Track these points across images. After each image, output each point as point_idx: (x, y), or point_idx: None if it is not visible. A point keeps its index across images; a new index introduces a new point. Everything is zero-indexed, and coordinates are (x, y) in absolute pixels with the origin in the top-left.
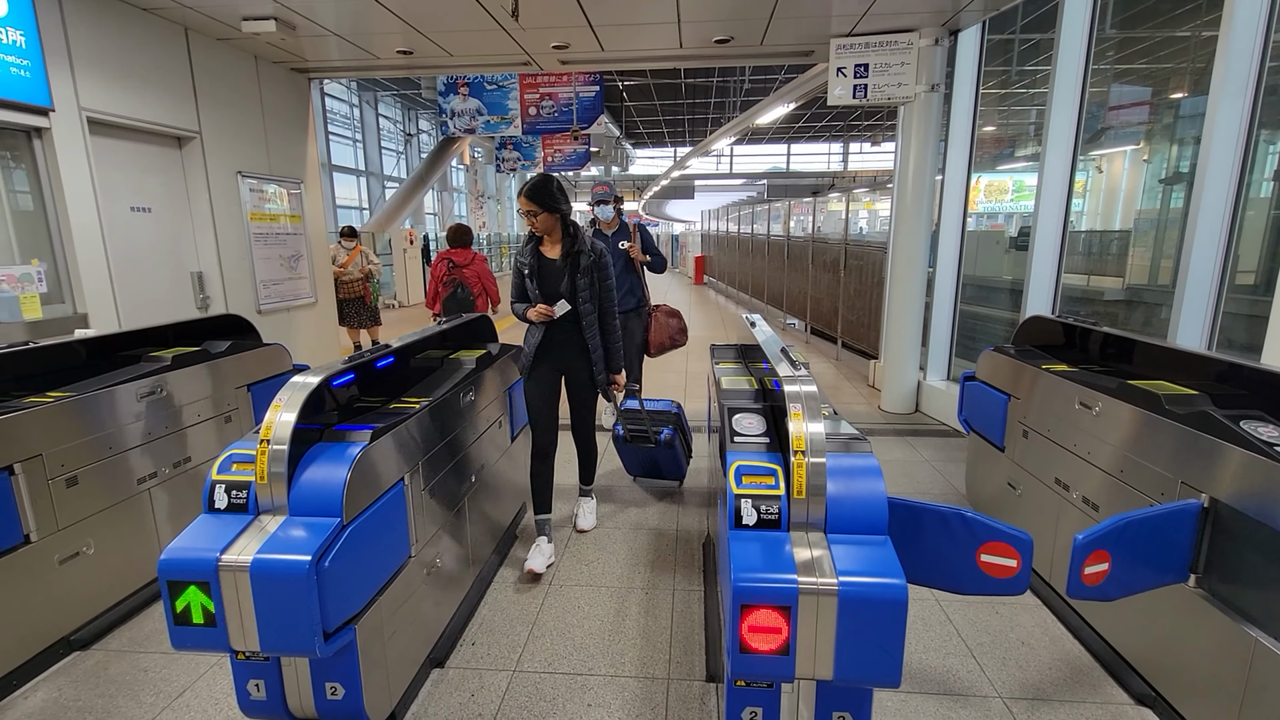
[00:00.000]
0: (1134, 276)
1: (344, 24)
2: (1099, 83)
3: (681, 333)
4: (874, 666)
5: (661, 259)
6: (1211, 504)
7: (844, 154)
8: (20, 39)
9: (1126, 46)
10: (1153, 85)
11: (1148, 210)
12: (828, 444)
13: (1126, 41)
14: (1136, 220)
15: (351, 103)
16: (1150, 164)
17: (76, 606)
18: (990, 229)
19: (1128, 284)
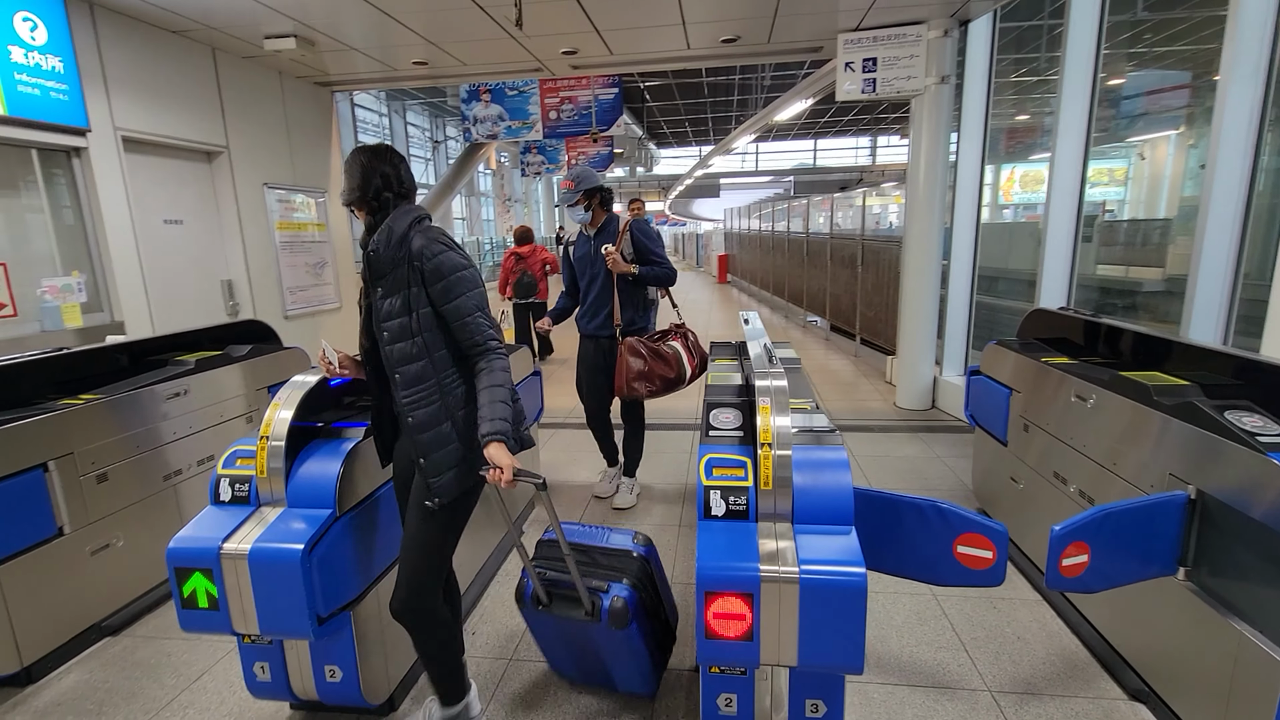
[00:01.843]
0: (1175, 267)
1: (360, 38)
2: (1138, 66)
3: (648, 379)
4: (837, 653)
5: (662, 270)
6: (1198, 495)
7: (872, 148)
8: (58, 64)
9: (1165, 28)
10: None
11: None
12: (797, 437)
13: (1165, 23)
14: (1180, 208)
15: (380, 112)
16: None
17: (107, 595)
18: (1026, 220)
19: (1168, 275)
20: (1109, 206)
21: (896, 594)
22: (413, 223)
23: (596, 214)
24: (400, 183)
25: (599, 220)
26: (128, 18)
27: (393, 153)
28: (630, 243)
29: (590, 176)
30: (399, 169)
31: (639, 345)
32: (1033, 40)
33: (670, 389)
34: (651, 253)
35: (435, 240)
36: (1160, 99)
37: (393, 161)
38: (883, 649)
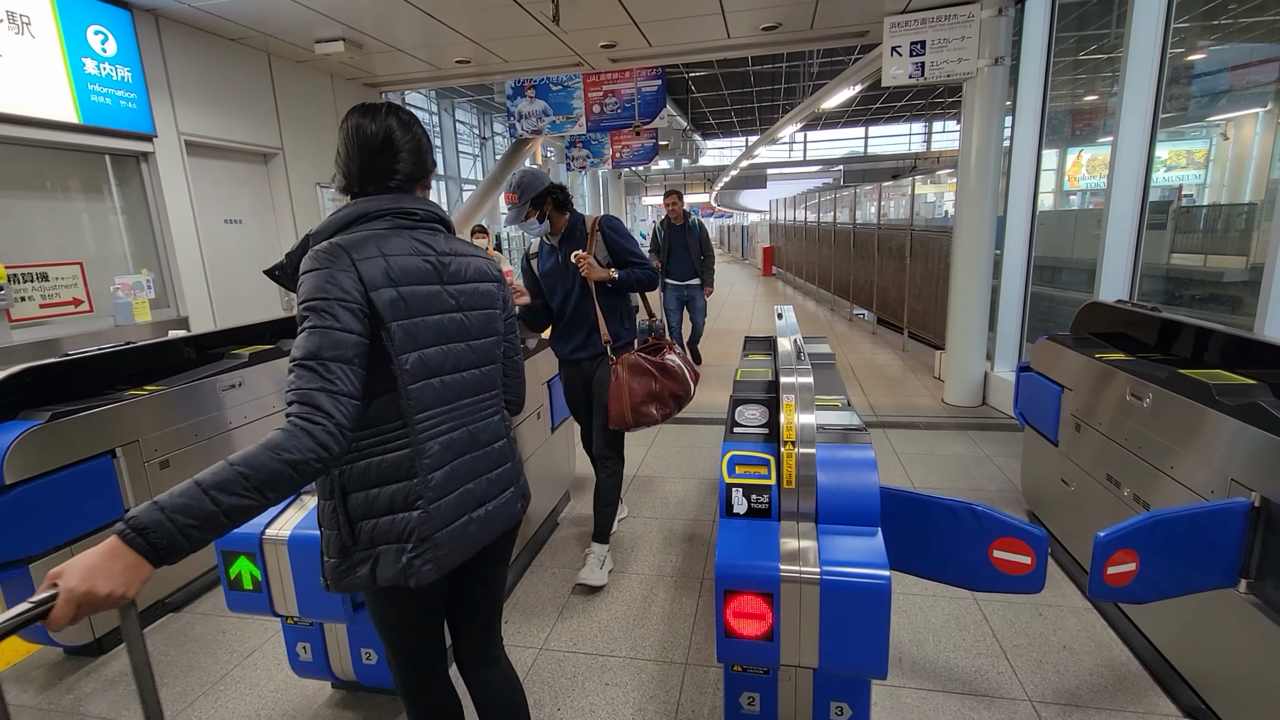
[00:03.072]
0: (1260, 255)
1: (405, 39)
2: (1220, 39)
3: (660, 400)
4: (859, 656)
5: (643, 271)
6: (1263, 503)
7: (926, 133)
8: (127, 74)
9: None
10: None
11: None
12: (822, 435)
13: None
14: (1269, 191)
15: (430, 110)
16: None
17: (171, 574)
18: (1093, 207)
19: (1252, 264)
20: (1187, 191)
21: (936, 597)
22: (306, 239)
23: (555, 219)
24: (348, 167)
25: (560, 225)
26: (189, 27)
27: (349, 117)
28: (602, 244)
29: (533, 182)
30: (349, 145)
31: (641, 361)
32: (1103, 15)
33: (680, 408)
34: (629, 253)
35: (309, 258)
36: (1246, 74)
37: (344, 133)
38: (918, 653)
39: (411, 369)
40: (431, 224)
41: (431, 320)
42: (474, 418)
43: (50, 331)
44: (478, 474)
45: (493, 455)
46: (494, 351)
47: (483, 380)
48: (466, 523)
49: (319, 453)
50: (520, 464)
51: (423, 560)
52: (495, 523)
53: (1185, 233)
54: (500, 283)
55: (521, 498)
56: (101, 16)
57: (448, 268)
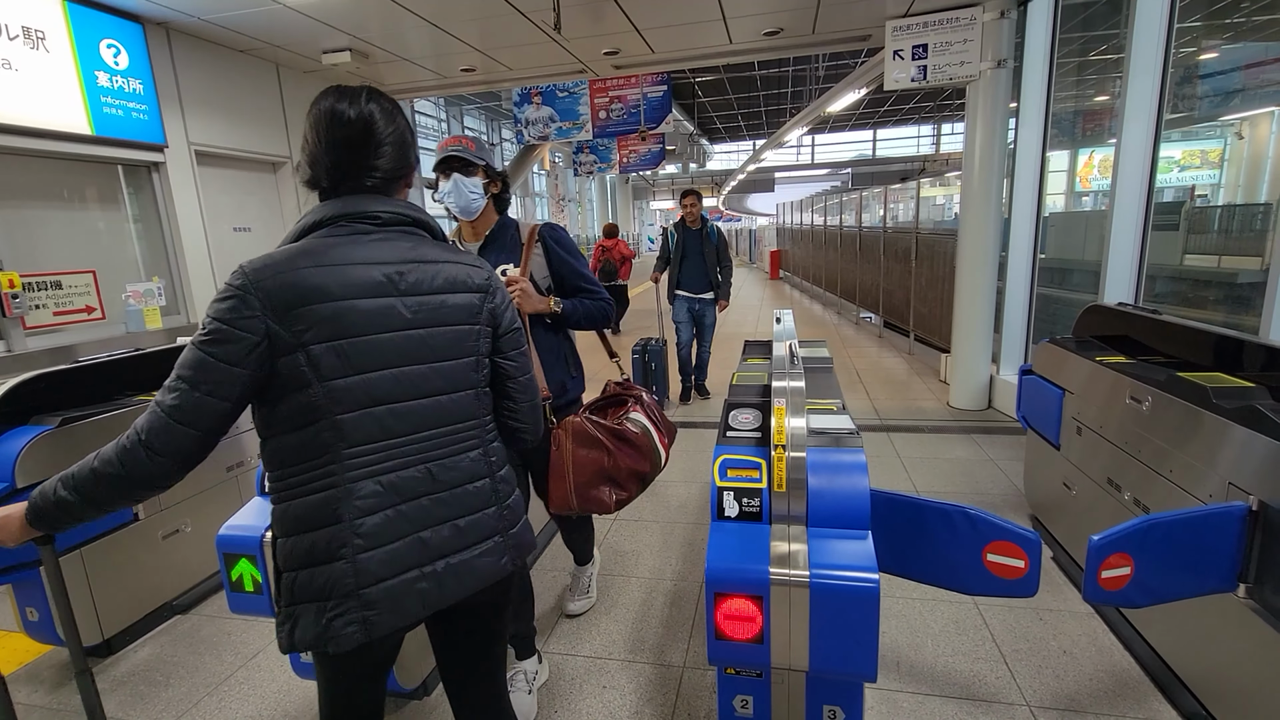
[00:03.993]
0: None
1: (410, 49)
2: (1234, 38)
3: (616, 479)
4: (849, 659)
5: (595, 303)
6: (1261, 507)
7: (935, 136)
8: (139, 86)
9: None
10: None
11: None
12: (813, 439)
13: None
14: None
15: (439, 117)
16: None
17: (177, 576)
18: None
19: (1267, 264)
20: (1200, 191)
21: (935, 601)
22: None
23: (486, 211)
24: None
25: (485, 227)
26: (199, 39)
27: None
28: (542, 261)
29: (490, 151)
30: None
31: (589, 426)
32: (1110, 16)
33: (644, 486)
34: (579, 276)
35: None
36: (1260, 73)
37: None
38: (916, 657)
39: (344, 396)
40: (401, 227)
41: (378, 339)
42: (436, 453)
43: (64, 339)
44: (437, 521)
45: (463, 499)
46: (470, 375)
47: (452, 409)
48: (415, 579)
49: (121, 470)
50: (517, 508)
51: (345, 621)
52: (465, 580)
53: (1199, 233)
54: (486, 293)
55: (511, 549)
56: (114, 30)
57: (405, 277)
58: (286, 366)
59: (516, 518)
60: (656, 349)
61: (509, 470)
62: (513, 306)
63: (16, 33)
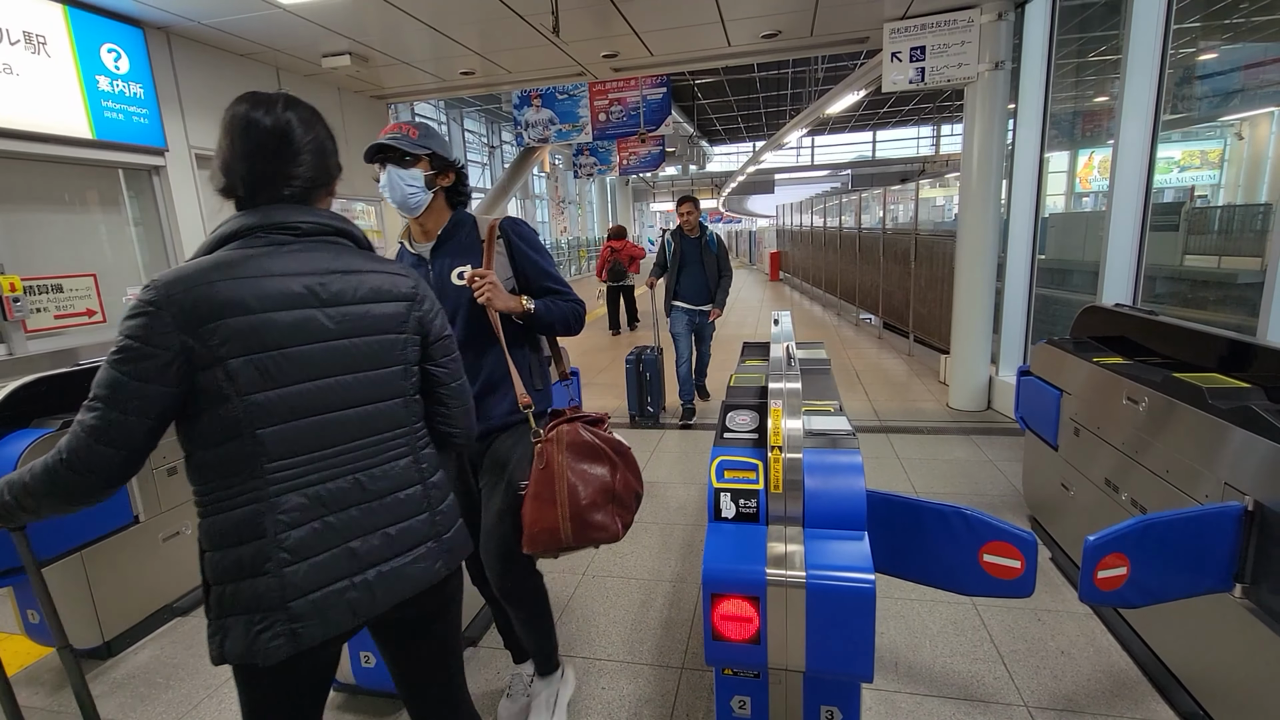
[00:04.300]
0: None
1: (409, 52)
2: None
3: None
4: (845, 659)
5: (568, 303)
6: (1256, 507)
7: (934, 137)
8: (140, 90)
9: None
10: None
11: None
12: (810, 440)
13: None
14: None
15: (440, 120)
16: None
17: (178, 578)
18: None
19: (1266, 264)
20: (1200, 191)
21: (934, 602)
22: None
23: (436, 207)
24: (229, 168)
25: (438, 224)
26: (200, 44)
27: (234, 106)
28: (505, 259)
29: (444, 140)
30: (232, 142)
31: (589, 436)
32: (1108, 17)
33: (634, 512)
34: (547, 275)
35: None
36: (1260, 73)
37: (225, 125)
38: (914, 658)
39: (265, 410)
40: (323, 237)
41: (299, 351)
42: (365, 463)
43: (65, 342)
44: (367, 530)
45: (394, 507)
46: (398, 383)
47: (380, 418)
48: (345, 589)
49: (49, 488)
50: (450, 513)
51: (271, 634)
52: (397, 587)
53: (1199, 234)
54: (413, 301)
55: (444, 555)
56: (115, 35)
57: (327, 287)
58: (205, 381)
59: (450, 523)
60: (652, 359)
61: (441, 476)
62: (442, 314)
63: (18, 38)
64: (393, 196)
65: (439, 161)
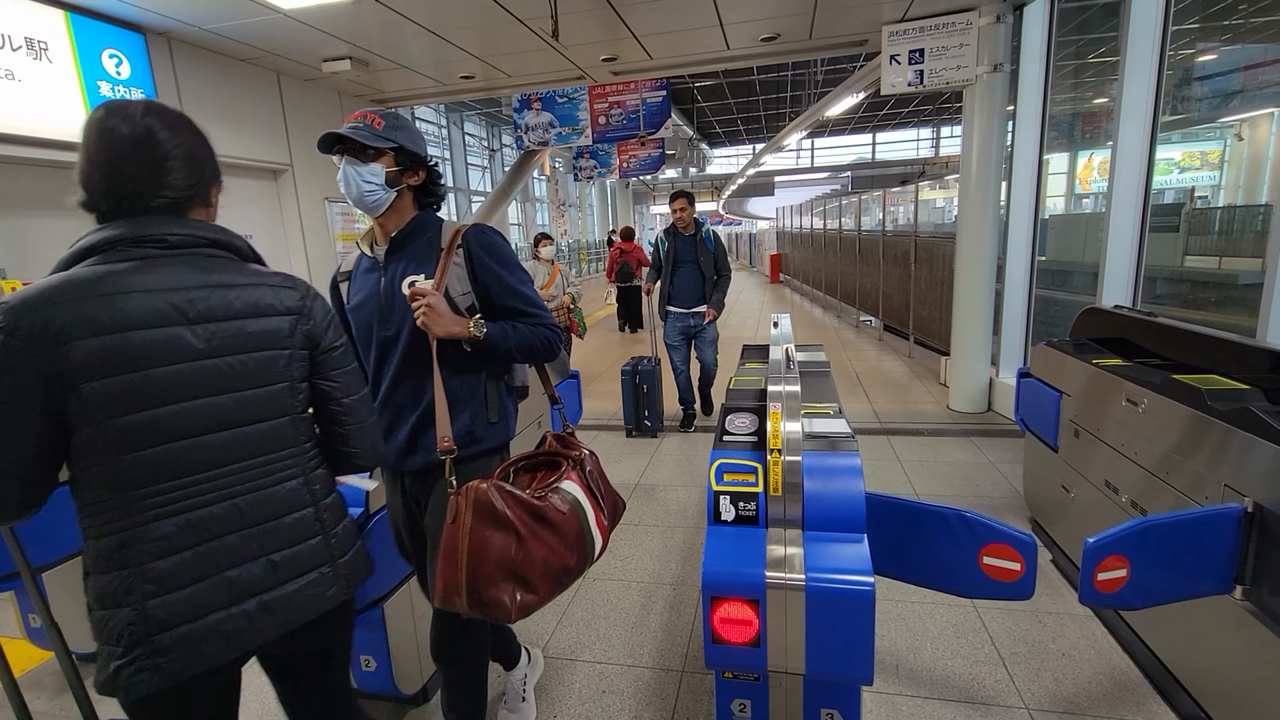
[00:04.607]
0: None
1: (410, 57)
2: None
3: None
4: (845, 662)
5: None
6: (1256, 509)
7: (934, 139)
8: (141, 96)
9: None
10: None
11: None
12: (809, 443)
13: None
14: None
15: (440, 124)
16: None
17: None
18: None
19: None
20: (1201, 192)
21: (934, 604)
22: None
23: (400, 207)
24: (88, 180)
25: (395, 225)
26: (201, 49)
27: (91, 114)
28: (463, 273)
29: (416, 135)
30: (89, 152)
31: (496, 498)
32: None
33: (563, 587)
34: (514, 294)
35: None
36: (1260, 74)
37: (84, 135)
38: (915, 660)
39: (129, 434)
40: (195, 250)
41: (163, 373)
42: (244, 487)
43: None
44: (247, 557)
45: (279, 532)
46: (283, 401)
47: (260, 439)
48: (221, 620)
49: None
50: (347, 535)
51: (135, 669)
52: (283, 616)
53: (1199, 235)
54: (300, 315)
55: (339, 580)
56: (116, 40)
57: (196, 304)
58: (68, 405)
59: (347, 546)
60: (649, 369)
61: (336, 497)
62: (336, 325)
63: (20, 44)
64: (348, 192)
65: (406, 158)
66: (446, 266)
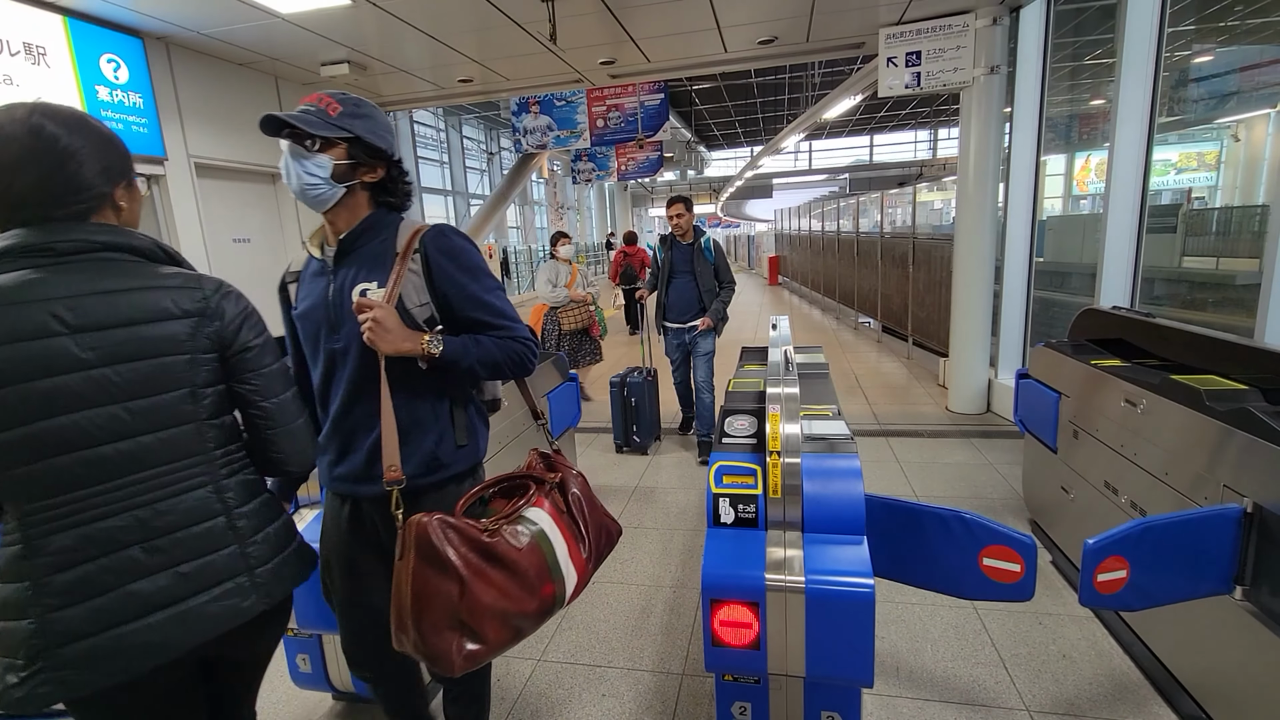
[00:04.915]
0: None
1: (408, 60)
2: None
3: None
4: (845, 664)
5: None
6: (1255, 509)
7: (932, 141)
8: (139, 100)
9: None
10: None
11: None
12: (808, 445)
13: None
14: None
15: (438, 127)
16: None
17: None
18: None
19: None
20: (1198, 193)
21: (935, 606)
22: None
23: (352, 204)
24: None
25: (346, 224)
26: (199, 53)
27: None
28: (420, 280)
29: (380, 122)
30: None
31: (437, 535)
32: (1103, 21)
33: (523, 634)
34: (479, 304)
35: None
36: (1256, 75)
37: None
38: (916, 662)
39: (8, 451)
40: (90, 255)
41: (42, 385)
42: (146, 498)
43: None
44: (153, 569)
45: (187, 543)
46: (184, 408)
47: (160, 449)
48: (127, 633)
49: None
50: (269, 543)
51: (36, 681)
52: (195, 628)
53: (1196, 235)
54: (201, 317)
55: (258, 590)
56: (114, 45)
57: (79, 312)
58: None
59: (268, 555)
60: (638, 382)
61: (258, 504)
62: (252, 323)
63: (18, 49)
64: (289, 184)
65: (361, 150)
66: (401, 274)
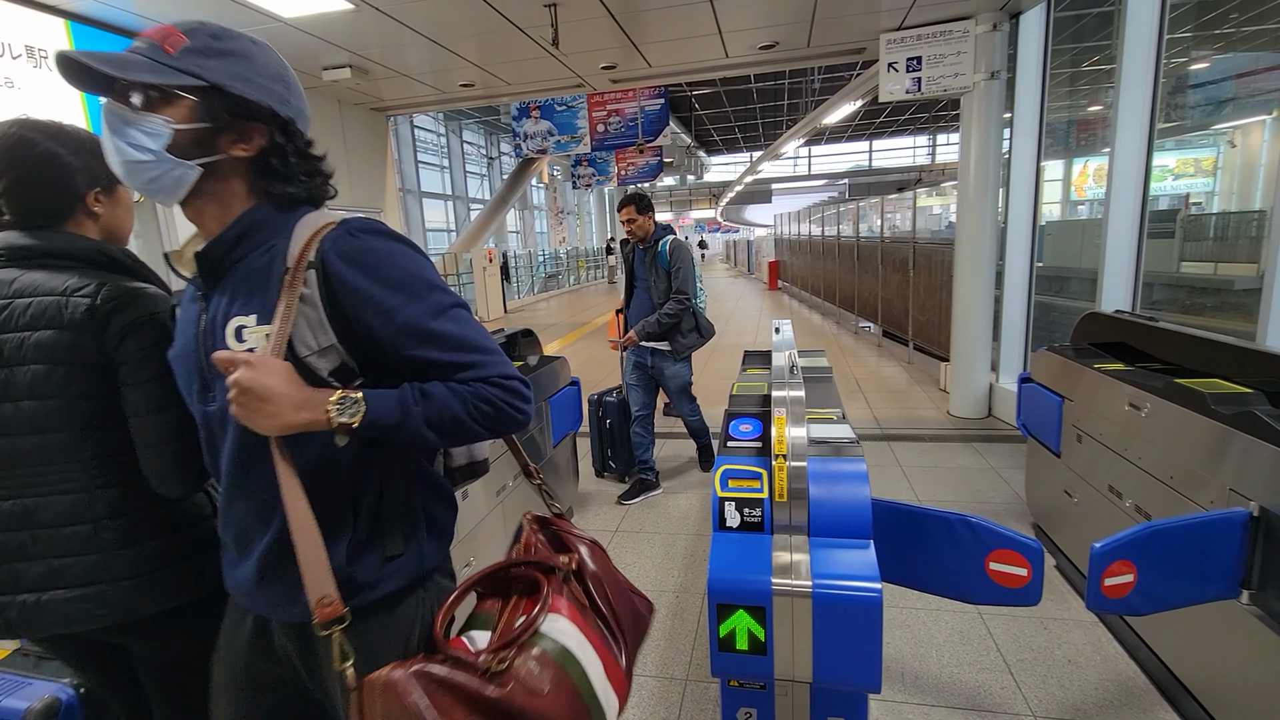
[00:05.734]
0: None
1: (410, 64)
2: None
3: None
4: (852, 670)
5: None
6: (1262, 513)
7: (930, 146)
8: None
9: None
10: None
11: None
12: (814, 448)
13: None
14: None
15: (439, 132)
16: None
17: None
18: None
19: (1263, 270)
20: (1195, 199)
21: (939, 611)
22: None
23: (221, 195)
24: None
25: (223, 218)
26: None
27: None
28: (320, 312)
29: (249, 60)
30: None
31: (436, 695)
32: (1102, 27)
33: None
34: (420, 335)
35: None
36: (1252, 82)
37: None
38: (921, 668)
39: None
40: (28, 261)
41: None
42: (29, 491)
43: None
44: (32, 556)
45: (58, 540)
46: (59, 416)
47: (38, 451)
48: (9, 604)
49: None
50: (137, 563)
51: None
52: (46, 620)
53: (1194, 240)
54: (85, 330)
55: (114, 605)
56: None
57: (1, 312)
58: None
59: (133, 572)
60: (614, 404)
61: (136, 518)
62: (139, 335)
63: (20, 52)
64: (111, 164)
65: (222, 104)
66: (292, 303)
